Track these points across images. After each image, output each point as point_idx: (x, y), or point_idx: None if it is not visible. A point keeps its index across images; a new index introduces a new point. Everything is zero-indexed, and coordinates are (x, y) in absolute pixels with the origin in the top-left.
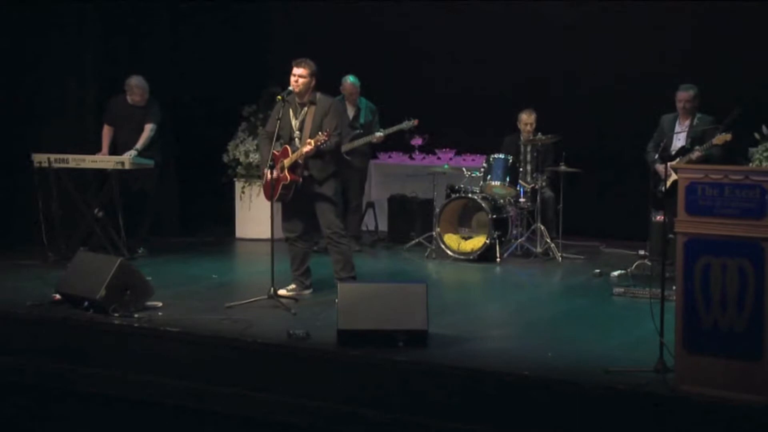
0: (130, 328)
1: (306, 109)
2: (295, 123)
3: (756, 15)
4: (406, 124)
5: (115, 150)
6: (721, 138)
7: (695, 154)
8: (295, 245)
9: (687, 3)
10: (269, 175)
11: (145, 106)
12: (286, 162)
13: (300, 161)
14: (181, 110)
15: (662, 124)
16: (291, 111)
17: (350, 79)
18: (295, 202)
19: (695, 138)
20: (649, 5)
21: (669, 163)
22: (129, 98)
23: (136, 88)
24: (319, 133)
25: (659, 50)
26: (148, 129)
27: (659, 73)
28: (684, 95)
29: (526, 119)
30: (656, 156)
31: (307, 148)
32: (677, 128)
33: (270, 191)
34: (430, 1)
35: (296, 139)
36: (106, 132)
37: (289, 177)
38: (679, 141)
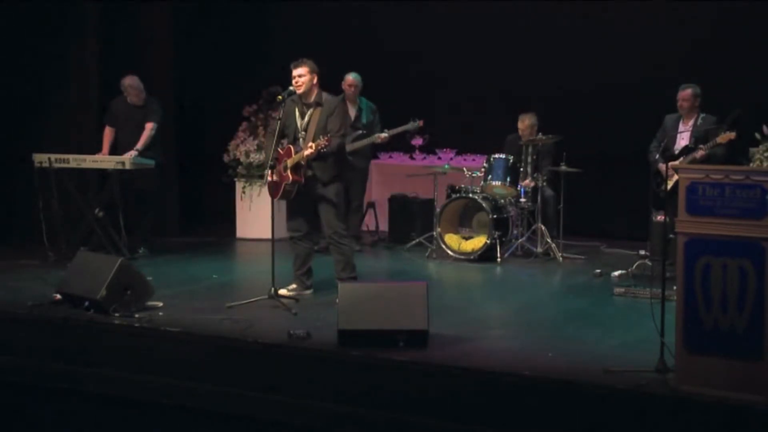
0: (130, 328)
1: (312, 110)
2: (300, 123)
3: (757, 15)
4: (411, 125)
5: (116, 150)
6: (725, 137)
7: (699, 153)
8: (299, 244)
9: (688, 3)
10: (270, 176)
11: (144, 105)
12: (289, 162)
13: (302, 162)
14: (182, 110)
15: (665, 124)
16: (297, 111)
17: (352, 75)
18: (299, 202)
19: (699, 138)
20: (650, 5)
21: (671, 163)
22: (127, 98)
23: (130, 88)
24: (321, 137)
25: (660, 50)
26: (149, 128)
27: (660, 73)
28: (682, 94)
29: (519, 124)
30: (658, 156)
31: (308, 152)
32: (680, 128)
33: (272, 190)
34: (431, 1)
35: (300, 140)
36: (107, 133)
37: (291, 177)
38: (682, 140)
